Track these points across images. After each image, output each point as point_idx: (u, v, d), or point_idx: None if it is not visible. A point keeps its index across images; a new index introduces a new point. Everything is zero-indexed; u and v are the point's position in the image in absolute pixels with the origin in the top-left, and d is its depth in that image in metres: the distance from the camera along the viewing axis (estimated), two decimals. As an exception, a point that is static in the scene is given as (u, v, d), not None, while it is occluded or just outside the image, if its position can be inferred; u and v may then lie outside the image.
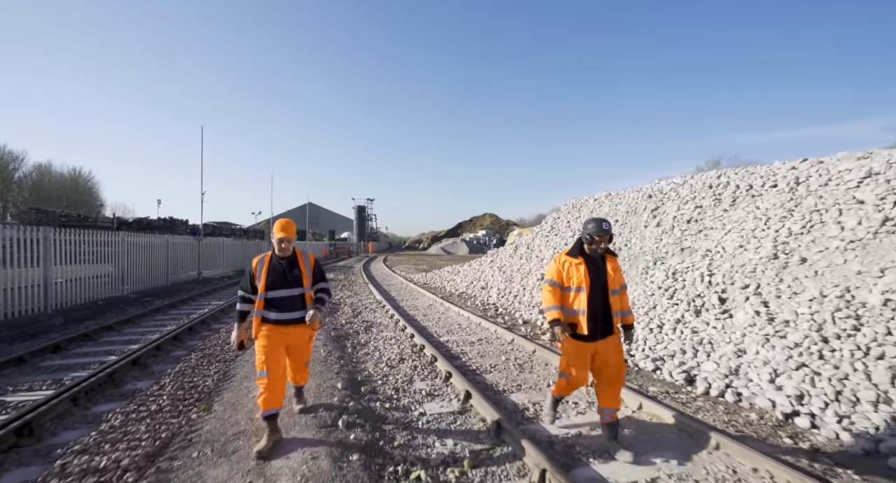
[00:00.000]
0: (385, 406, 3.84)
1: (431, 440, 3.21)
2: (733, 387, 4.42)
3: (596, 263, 3.08)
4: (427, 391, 4.25)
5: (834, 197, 5.98)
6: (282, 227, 3.14)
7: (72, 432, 3.28)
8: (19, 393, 4.08)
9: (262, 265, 3.11)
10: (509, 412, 3.71)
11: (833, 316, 4.53)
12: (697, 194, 8.59)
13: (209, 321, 7.64)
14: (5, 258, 7.10)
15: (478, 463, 2.87)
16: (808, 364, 4.22)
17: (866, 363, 3.93)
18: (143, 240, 11.83)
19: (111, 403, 3.84)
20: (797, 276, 5.42)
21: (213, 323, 7.61)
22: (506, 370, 4.98)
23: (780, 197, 6.84)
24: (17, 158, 40.84)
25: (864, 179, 5.88)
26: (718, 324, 5.48)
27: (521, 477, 2.73)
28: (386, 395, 4.11)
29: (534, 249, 12.57)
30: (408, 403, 3.94)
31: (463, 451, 3.02)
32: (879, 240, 4.98)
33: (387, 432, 3.30)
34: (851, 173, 6.10)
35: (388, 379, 4.62)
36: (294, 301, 3.12)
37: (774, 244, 6.02)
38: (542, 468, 2.63)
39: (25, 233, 7.50)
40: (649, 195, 9.96)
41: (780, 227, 6.26)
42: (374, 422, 3.46)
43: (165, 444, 3.04)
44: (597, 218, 3.09)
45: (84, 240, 9.24)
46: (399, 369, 4.95)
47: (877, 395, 3.62)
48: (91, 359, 5.26)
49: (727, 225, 7.23)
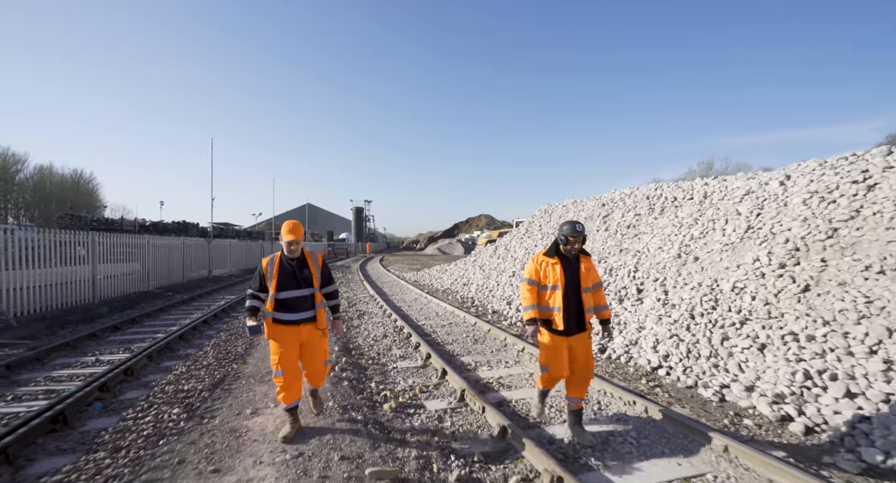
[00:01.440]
0: (369, 362, 5.43)
1: (398, 379, 4.79)
2: (629, 353, 6.00)
3: (570, 263, 3.26)
4: (401, 355, 5.83)
5: (725, 209, 7.60)
6: (290, 230, 3.18)
7: (155, 375, 4.84)
8: (105, 355, 5.64)
9: (272, 266, 3.15)
10: (456, 365, 5.28)
11: (701, 299, 6.12)
12: (638, 204, 10.21)
13: (228, 311, 9.21)
14: (64, 258, 8.66)
15: (424, 390, 4.45)
16: (677, 334, 5.80)
17: (712, 331, 5.52)
18: (163, 241, 13.39)
19: (174, 361, 5.40)
20: (690, 271, 7.02)
21: (232, 312, 9.17)
22: (464, 343, 6.56)
23: (693, 208, 8.45)
24: (19, 161, 41.88)
25: (744, 196, 7.49)
26: (633, 308, 7.08)
27: (449, 396, 4.30)
28: (370, 357, 5.70)
29: (510, 250, 14.17)
30: (385, 361, 5.51)
31: (416, 385, 4.59)
32: (743, 242, 6.58)
33: (368, 375, 4.88)
34: (738, 190, 7.72)
35: (373, 347, 6.20)
36: (305, 301, 3.18)
37: (680, 246, 7.62)
38: (462, 389, 4.21)
39: (78, 237, 9.07)
40: (603, 204, 11.58)
41: (686, 233, 7.86)
42: (360, 369, 5.04)
43: (222, 379, 4.61)
44: (571, 221, 3.28)
45: (118, 242, 10.79)
46: (382, 342, 6.53)
47: (710, 351, 5.21)
48: (144, 335, 6.83)
49: (654, 230, 8.84)
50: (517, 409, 3.95)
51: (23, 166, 41.94)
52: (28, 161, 42.10)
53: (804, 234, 5.85)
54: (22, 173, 42.05)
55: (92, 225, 15.12)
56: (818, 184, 6.34)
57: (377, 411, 3.82)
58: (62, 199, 40.77)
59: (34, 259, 7.89)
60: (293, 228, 3.19)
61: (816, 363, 4.31)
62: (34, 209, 41.81)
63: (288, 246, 3.16)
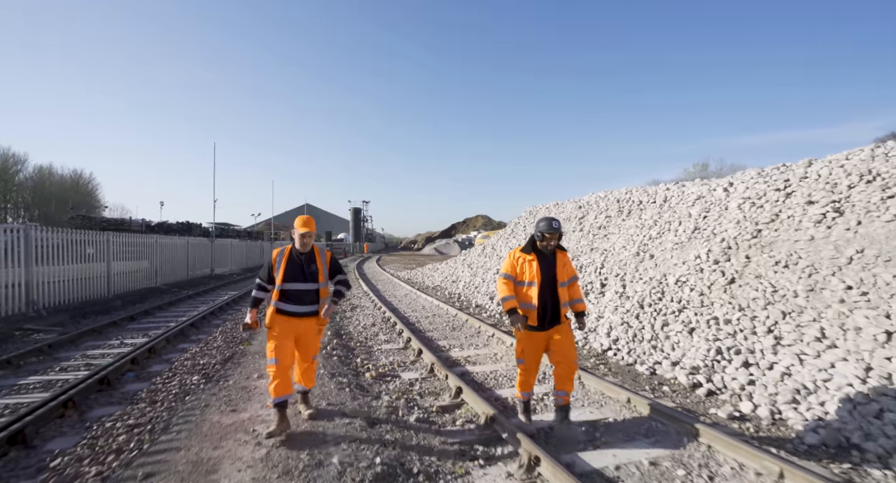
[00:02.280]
0: (357, 344, 6.28)
1: (381, 357, 5.64)
2: (587, 339, 6.86)
3: (547, 259, 3.31)
4: (385, 339, 6.69)
5: (679, 212, 8.48)
6: (304, 223, 3.28)
7: (173, 354, 5.68)
8: (128, 339, 6.48)
9: (281, 258, 3.25)
10: (431, 347, 6.13)
11: (650, 292, 6.99)
12: (609, 207, 11.10)
13: (231, 304, 10.05)
14: (82, 256, 9.50)
15: (401, 365, 5.30)
16: (628, 321, 6.66)
17: (655, 318, 6.39)
18: (169, 241, 14.23)
19: (188, 344, 6.25)
20: (646, 267, 7.90)
21: (235, 306, 10.02)
22: (442, 330, 7.41)
23: (654, 210, 9.34)
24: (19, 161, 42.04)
25: (696, 200, 8.38)
26: (595, 301, 7.94)
27: (422, 369, 5.16)
28: (358, 340, 6.55)
29: (496, 249, 15.04)
30: (371, 344, 6.37)
31: (395, 361, 5.45)
32: (691, 242, 7.46)
33: (355, 353, 5.75)
34: (692, 195, 8.60)
35: (362, 333, 7.06)
36: (309, 295, 3.26)
37: (639, 245, 8.49)
38: (432, 362, 5.06)
39: (97, 236, 9.91)
40: (580, 206, 12.47)
41: (646, 233, 8.73)
42: (348, 349, 5.90)
43: (231, 356, 5.47)
44: (547, 217, 3.32)
45: (129, 241, 11.63)
46: (370, 329, 7.38)
47: (651, 335, 6.08)
48: (158, 324, 7.67)
49: (621, 231, 9.72)
50: (476, 379, 4.81)
51: (23, 166, 42.03)
52: (28, 161, 42.26)
53: (736, 234, 6.72)
54: (22, 173, 42.30)
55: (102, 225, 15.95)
56: (751, 191, 7.23)
57: (360, 378, 4.68)
58: (62, 200, 40.99)
59: (58, 257, 8.73)
60: (307, 222, 3.29)
61: (728, 342, 5.17)
62: (34, 209, 42.15)
63: (301, 238, 3.24)
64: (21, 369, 4.88)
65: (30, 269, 7.67)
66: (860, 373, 3.89)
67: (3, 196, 40.81)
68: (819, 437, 3.41)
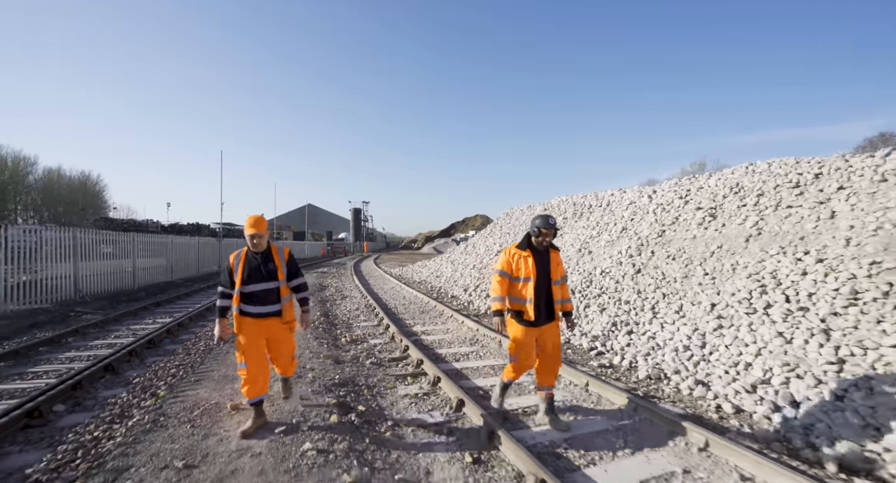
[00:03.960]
0: (340, 322, 7.89)
1: (357, 329, 7.24)
2: (529, 319, 8.44)
3: (542, 256, 3.35)
4: (364, 319, 8.29)
5: (616, 215, 10.04)
6: (252, 224, 3.19)
7: (196, 328, 7.29)
8: (158, 319, 8.11)
9: (238, 261, 3.20)
10: (398, 324, 7.71)
11: (581, 281, 8.55)
12: (567, 209, 12.66)
13: (240, 295, 11.70)
14: (113, 253, 11.17)
15: (371, 335, 6.90)
16: (559, 305, 8.23)
17: (580, 302, 7.94)
18: (182, 240, 15.90)
19: (206, 322, 7.84)
20: (585, 261, 9.46)
21: (243, 295, 11.67)
22: (413, 313, 9.01)
23: (600, 213, 10.89)
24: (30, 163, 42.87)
25: (629, 205, 9.93)
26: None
27: (387, 337, 6.75)
28: (342, 320, 8.16)
29: (476, 247, 16.63)
30: (352, 322, 7.97)
31: (367, 333, 7.04)
32: (619, 240, 9.02)
33: (337, 327, 7.35)
34: (626, 200, 10.15)
35: (347, 316, 8.67)
36: (271, 294, 3.22)
37: (583, 243, 10.05)
38: (406, 345, 6.59)
39: (124, 237, 11.59)
40: (545, 208, 14.04)
41: (590, 233, 10.29)
42: (332, 325, 7.51)
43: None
44: (544, 214, 3.38)
45: (149, 241, 13.30)
46: (354, 314, 8.99)
47: (575, 315, 7.64)
48: (180, 308, 9.30)
49: (573, 231, 11.27)
50: (423, 342, 6.39)
51: (32, 168, 42.46)
52: (38, 163, 42.67)
53: (648, 233, 8.27)
54: (32, 176, 42.99)
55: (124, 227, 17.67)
56: (664, 198, 8.77)
57: (337, 341, 6.29)
58: (70, 201, 42.11)
59: (95, 254, 10.39)
60: (254, 223, 3.19)
61: (623, 317, 6.73)
62: (43, 210, 43.29)
63: (250, 240, 3.19)
64: (87, 336, 6.53)
65: (77, 264, 9.34)
66: (689, 332, 5.46)
67: (15, 198, 42.05)
68: (647, 373, 4.99)
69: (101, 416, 3.49)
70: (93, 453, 2.85)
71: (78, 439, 3.08)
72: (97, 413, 3.57)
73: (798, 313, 4.70)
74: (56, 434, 3.20)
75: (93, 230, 10.10)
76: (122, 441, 3.00)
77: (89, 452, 2.87)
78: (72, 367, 4.89)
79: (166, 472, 2.57)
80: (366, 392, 4.11)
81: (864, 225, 5.07)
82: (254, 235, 3.18)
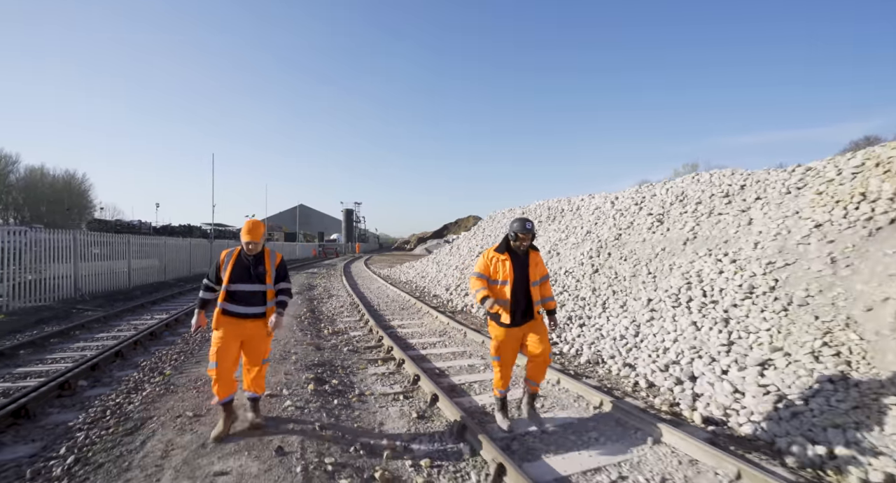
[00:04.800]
0: (325, 317, 8.63)
1: (339, 324, 7.98)
2: (500, 315, 9.26)
3: (520, 258, 3.39)
4: (347, 315, 9.03)
5: (584, 219, 10.91)
6: (248, 231, 3.21)
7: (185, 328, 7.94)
8: (156, 315, 8.77)
9: (229, 258, 3.24)
10: (378, 319, 8.47)
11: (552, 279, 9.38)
12: (542, 213, 13.54)
13: (231, 293, 12.36)
14: (109, 254, 11.76)
15: (351, 328, 7.64)
16: (526, 301, 9.07)
17: (543, 299, 8.77)
18: (175, 241, 16.46)
19: (201, 317, 8.55)
20: (552, 262, 10.31)
21: (235, 294, 12.34)
22: (393, 310, 9.76)
23: (570, 217, 11.77)
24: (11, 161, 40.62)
25: (594, 210, 10.82)
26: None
27: (373, 341, 7.50)
28: (327, 315, 8.90)
29: (460, 248, 17.44)
30: (336, 318, 8.71)
31: (349, 326, 7.78)
32: (584, 242, 9.88)
33: (322, 321, 8.09)
34: (592, 205, 11.04)
35: (332, 312, 9.40)
36: (255, 296, 3.24)
37: (552, 245, 10.91)
38: (381, 335, 7.41)
39: (120, 238, 12.18)
40: (523, 212, 14.91)
41: (559, 236, 11.15)
42: (318, 320, 8.25)
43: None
44: (521, 218, 3.38)
45: (143, 242, 13.88)
46: (339, 310, 9.72)
47: (536, 310, 8.48)
48: (175, 306, 9.95)
49: (547, 233, 12.13)
50: (398, 334, 7.16)
51: (14, 167, 40.81)
52: (19, 162, 41.07)
53: (607, 237, 9.14)
54: (13, 174, 41.11)
55: (117, 228, 18.15)
56: (622, 204, 9.67)
57: (321, 333, 7.03)
58: (54, 200, 41.17)
59: (91, 255, 10.99)
60: (251, 229, 3.22)
61: (578, 312, 7.56)
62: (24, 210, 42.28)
63: (246, 246, 3.22)
64: (93, 330, 7.20)
65: (77, 264, 9.94)
66: (628, 324, 6.30)
67: None
68: (588, 358, 5.82)
69: (118, 389, 4.21)
70: (118, 412, 3.60)
71: (104, 404, 3.81)
72: (115, 387, 4.28)
73: (710, 306, 5.57)
74: (85, 401, 3.93)
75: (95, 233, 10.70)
76: (140, 404, 3.74)
77: (115, 412, 3.61)
78: (84, 354, 5.57)
79: (180, 419, 3.34)
80: (340, 371, 4.88)
81: (769, 230, 5.96)
82: (249, 242, 3.21)
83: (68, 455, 2.92)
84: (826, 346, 4.07)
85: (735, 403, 4.02)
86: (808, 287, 4.79)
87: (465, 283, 12.62)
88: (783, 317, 4.65)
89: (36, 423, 3.51)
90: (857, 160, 5.72)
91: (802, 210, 5.75)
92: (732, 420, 3.85)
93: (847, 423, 3.33)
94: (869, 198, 5.06)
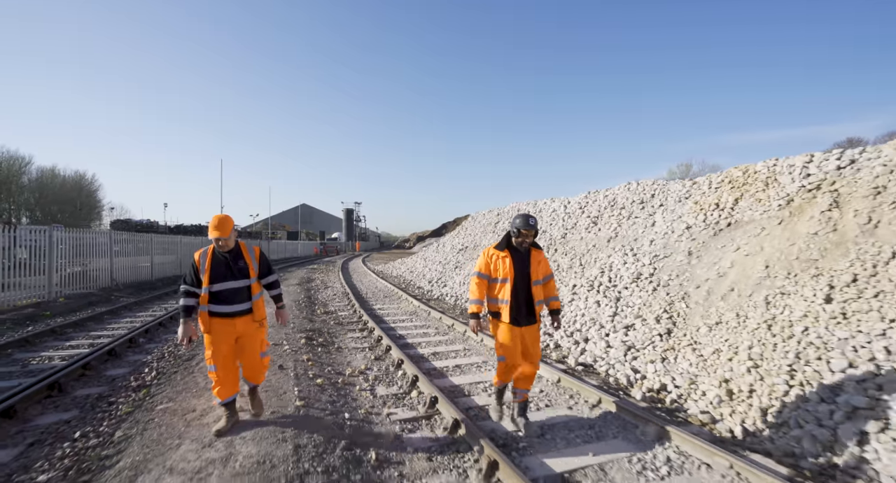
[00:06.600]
0: (319, 303, 10.37)
1: (330, 307, 9.72)
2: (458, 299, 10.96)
3: (521, 256, 3.33)
4: (339, 301, 10.77)
5: (543, 220, 12.59)
6: (215, 227, 3.06)
7: (210, 307, 9.75)
8: (166, 305, 10.53)
9: (204, 258, 3.11)
10: (363, 304, 10.20)
11: (507, 272, 11.10)
12: (513, 214, 15.21)
13: (240, 285, 14.15)
14: (136, 250, 13.57)
15: (340, 310, 9.38)
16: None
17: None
18: (189, 239, 18.27)
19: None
20: (515, 257, 12.00)
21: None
22: (378, 298, 11.49)
23: (534, 219, 13.47)
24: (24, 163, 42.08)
25: (552, 212, 12.49)
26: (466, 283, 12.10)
27: (355, 318, 9.23)
28: (320, 302, 10.64)
29: (445, 246, 19.15)
30: (328, 302, 10.44)
31: (338, 309, 9.52)
32: (538, 239, 11.55)
33: (316, 305, 9.84)
34: (551, 208, 12.72)
35: (325, 299, 11.14)
36: (241, 293, 3.15)
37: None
38: (361, 313, 9.15)
39: (145, 237, 13.98)
40: (497, 214, 16.63)
41: (523, 235, 12.84)
42: (313, 305, 9.99)
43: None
44: (524, 214, 3.33)
45: (163, 240, 15.67)
46: (332, 297, 11.46)
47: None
48: (194, 295, 11.73)
49: (515, 233, 13.82)
50: (377, 314, 8.87)
51: (27, 168, 42.26)
52: (32, 163, 42.69)
53: (556, 235, 10.81)
54: (26, 175, 42.52)
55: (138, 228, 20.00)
56: (571, 208, 11.35)
57: (314, 312, 8.77)
58: (65, 200, 42.23)
59: (122, 251, 12.78)
60: (218, 225, 3.06)
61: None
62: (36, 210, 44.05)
63: (216, 243, 3.10)
64: (134, 311, 8.98)
65: (112, 259, 11.74)
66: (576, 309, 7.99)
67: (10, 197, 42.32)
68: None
69: (168, 342, 5.98)
70: (174, 354, 5.36)
71: (161, 351, 5.60)
72: (165, 342, 6.05)
73: (611, 289, 7.26)
74: (147, 351, 5.71)
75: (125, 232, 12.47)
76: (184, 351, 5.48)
77: (171, 353, 5.38)
78: (134, 325, 7.33)
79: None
80: (326, 335, 6.61)
81: (662, 231, 7.64)
82: (219, 239, 3.06)
83: (151, 372, 4.71)
84: (665, 312, 5.76)
85: (603, 353, 5.71)
86: (670, 273, 6.48)
87: (444, 276, 14.35)
88: (650, 294, 6.34)
89: (123, 360, 5.34)
90: (720, 177, 7.38)
91: (684, 215, 7.42)
92: (597, 364, 5.54)
93: (657, 358, 5.04)
94: (720, 207, 6.74)
